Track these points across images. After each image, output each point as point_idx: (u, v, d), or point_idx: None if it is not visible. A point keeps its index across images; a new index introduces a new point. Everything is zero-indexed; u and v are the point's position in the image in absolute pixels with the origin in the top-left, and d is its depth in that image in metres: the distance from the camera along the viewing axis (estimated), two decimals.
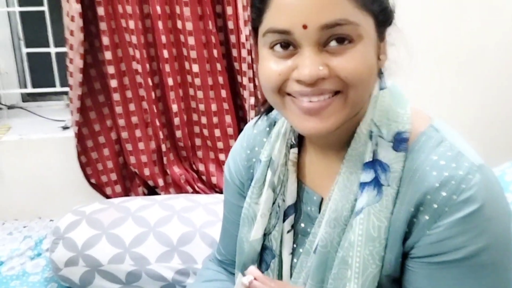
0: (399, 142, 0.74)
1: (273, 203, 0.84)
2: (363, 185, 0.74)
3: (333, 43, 0.67)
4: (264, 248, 0.86)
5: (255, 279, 0.72)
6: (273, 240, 0.84)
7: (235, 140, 1.81)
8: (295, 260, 0.84)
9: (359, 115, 0.76)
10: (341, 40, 0.66)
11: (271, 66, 0.69)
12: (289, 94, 0.71)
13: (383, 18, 0.71)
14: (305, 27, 0.65)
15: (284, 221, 0.84)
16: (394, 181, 0.72)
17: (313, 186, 0.84)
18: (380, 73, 0.77)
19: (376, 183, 0.73)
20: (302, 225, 0.84)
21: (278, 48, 0.68)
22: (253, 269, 0.73)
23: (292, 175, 0.83)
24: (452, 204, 0.69)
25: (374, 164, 0.73)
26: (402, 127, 0.74)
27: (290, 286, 0.79)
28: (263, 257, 0.86)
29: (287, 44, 0.68)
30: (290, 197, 0.84)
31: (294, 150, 0.84)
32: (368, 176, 0.73)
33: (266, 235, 0.85)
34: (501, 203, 0.72)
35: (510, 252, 0.72)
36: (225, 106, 1.85)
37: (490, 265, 0.70)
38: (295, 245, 0.85)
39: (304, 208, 0.84)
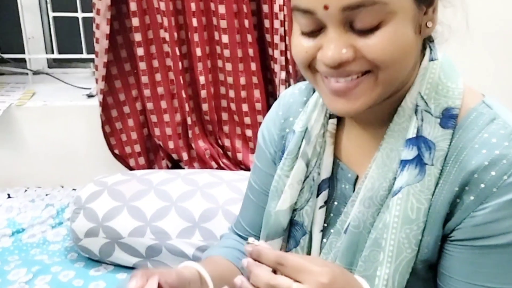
0: (448, 118, 0.69)
1: (307, 176, 0.80)
2: (404, 162, 0.69)
3: (359, 24, 0.63)
4: (294, 224, 0.82)
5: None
6: (305, 215, 0.80)
7: (263, 116, 1.80)
8: (324, 240, 0.81)
9: (403, 91, 0.72)
10: (368, 20, 0.62)
11: (299, 43, 0.68)
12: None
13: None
14: (326, 7, 0.62)
15: (317, 196, 0.80)
16: (438, 160, 0.68)
17: (349, 162, 0.80)
18: (430, 41, 0.72)
19: (419, 161, 0.68)
20: (336, 203, 0.81)
21: (304, 26, 0.66)
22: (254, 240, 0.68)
23: (329, 147, 0.80)
24: (502, 184, 0.64)
25: (418, 140, 0.69)
26: (452, 102, 0.70)
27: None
28: (292, 233, 0.83)
29: (316, 28, 0.65)
30: (325, 171, 0.80)
31: (333, 121, 0.80)
32: (410, 153, 0.69)
33: (297, 210, 0.82)
34: None
35: None
36: (254, 80, 1.80)
37: None
38: (325, 224, 0.81)
39: (338, 185, 0.81)
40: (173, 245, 1.52)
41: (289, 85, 1.77)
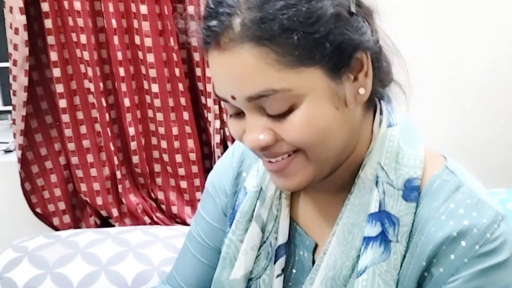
0: (410, 190, 0.67)
1: (264, 241, 0.76)
2: (367, 240, 0.67)
3: (270, 110, 0.62)
4: None
5: None
6: (262, 285, 0.76)
7: (198, 166, 1.79)
8: None
9: (354, 157, 0.69)
10: (277, 107, 0.61)
11: (230, 124, 0.68)
12: None
13: (336, 60, 0.61)
14: (233, 98, 0.62)
15: (274, 263, 0.76)
16: (403, 236, 0.66)
17: (307, 228, 0.77)
18: (387, 103, 0.71)
19: (383, 238, 0.66)
20: (294, 271, 0.76)
21: (229, 109, 0.67)
22: None
23: (285, 209, 0.76)
24: (473, 255, 0.63)
25: (381, 215, 0.67)
26: (414, 172, 0.68)
27: None
28: None
29: (239, 111, 0.65)
30: (282, 236, 0.76)
31: None
32: (373, 229, 0.67)
33: (253, 279, 0.77)
34: None
35: None
36: (188, 129, 1.75)
37: None
38: None
39: (296, 251, 0.77)
40: None
41: (224, 133, 1.74)
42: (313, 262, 0.75)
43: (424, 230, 0.66)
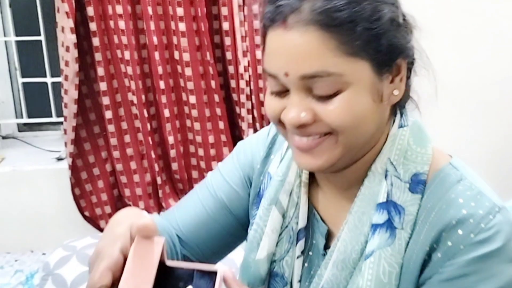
0: (416, 183, 0.71)
1: (286, 226, 0.81)
2: (375, 226, 0.71)
3: (317, 91, 0.66)
4: (273, 275, 0.81)
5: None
6: (285, 266, 0.80)
7: None
8: None
9: (371, 154, 0.74)
10: (325, 89, 0.66)
11: (269, 102, 0.71)
12: None
13: (384, 59, 0.67)
14: (286, 74, 0.66)
15: (296, 245, 0.80)
16: (408, 224, 0.70)
17: (324, 214, 0.81)
18: (402, 107, 0.75)
19: (389, 225, 0.70)
20: (310, 253, 0.80)
21: (272, 86, 0.70)
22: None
23: (304, 196, 0.80)
24: (468, 242, 0.66)
25: (388, 205, 0.71)
26: (421, 167, 0.72)
27: None
28: (272, 285, 0.82)
29: (283, 90, 0.69)
30: (302, 220, 0.80)
31: (306, 171, 0.81)
32: (381, 217, 0.71)
33: (276, 260, 0.81)
34: None
35: None
36: (223, 138, 1.83)
37: None
38: (301, 275, 0.81)
39: (314, 236, 0.81)
40: None
41: None
42: (325, 247, 0.79)
43: (428, 218, 0.69)
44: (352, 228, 0.73)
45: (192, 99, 1.79)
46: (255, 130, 1.80)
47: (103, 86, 1.80)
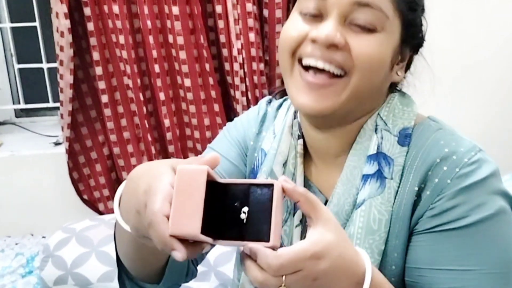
0: (404, 137, 0.76)
1: (284, 197, 0.83)
2: (365, 177, 0.74)
3: (357, 21, 0.70)
4: None
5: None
6: (284, 236, 0.82)
7: None
8: None
9: (366, 118, 0.77)
10: (365, 21, 0.70)
11: (294, 24, 0.73)
12: (299, 62, 0.73)
13: (409, 33, 0.74)
14: None
15: (294, 215, 0.82)
16: (397, 174, 0.73)
17: (318, 185, 0.83)
18: (395, 89, 0.81)
19: (379, 175, 0.74)
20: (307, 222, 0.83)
21: (307, 12, 0.72)
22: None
23: (300, 166, 0.82)
24: (454, 176, 0.70)
25: (378, 156, 0.75)
26: (408, 123, 0.77)
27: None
28: None
29: (316, 13, 0.72)
30: None
31: (301, 141, 0.83)
32: (371, 168, 0.74)
33: None
34: (501, 184, 0.73)
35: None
36: (218, 120, 1.83)
37: (493, 236, 0.70)
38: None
39: None
40: None
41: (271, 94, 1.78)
42: None
43: (413, 165, 0.74)
44: (344, 182, 0.76)
45: (187, 82, 1.78)
46: None
47: (98, 70, 1.80)
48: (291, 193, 0.59)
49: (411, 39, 0.76)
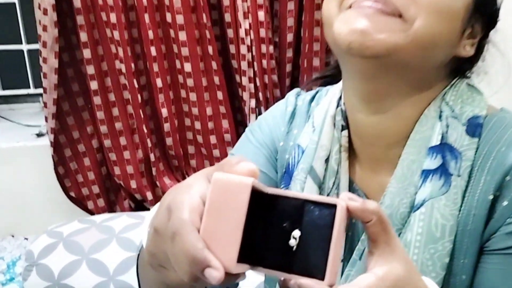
0: (474, 126, 0.66)
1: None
2: (426, 173, 0.65)
3: None
4: None
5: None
6: None
7: (233, 147, 1.75)
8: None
9: (423, 97, 0.68)
10: None
11: None
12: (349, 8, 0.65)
13: (482, 3, 0.66)
14: None
15: None
16: (465, 171, 0.65)
17: (364, 187, 0.75)
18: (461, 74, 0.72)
19: (444, 171, 0.65)
20: (350, 233, 0.74)
21: None
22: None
23: (345, 163, 0.74)
24: None
25: (443, 148, 0.66)
26: (479, 110, 0.68)
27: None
28: None
29: None
30: (343, 190, 0.74)
31: (345, 133, 0.74)
32: (433, 162, 0.65)
33: None
34: None
35: None
36: (222, 109, 1.72)
37: None
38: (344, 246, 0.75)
39: None
40: None
41: (259, 113, 1.69)
42: None
43: (486, 165, 0.65)
44: (400, 179, 0.67)
45: (187, 66, 1.67)
46: (258, 101, 1.69)
47: (86, 53, 1.68)
48: (360, 213, 0.48)
49: (484, 7, 0.67)
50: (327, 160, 0.74)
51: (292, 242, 0.46)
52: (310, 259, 0.46)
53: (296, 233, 0.46)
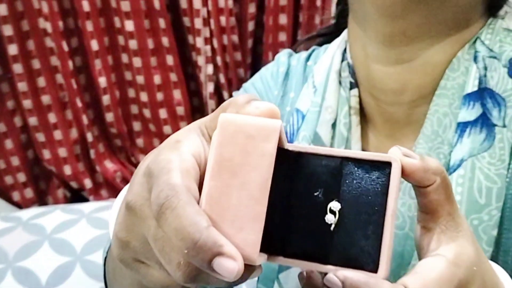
0: None
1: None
2: (463, 126, 0.59)
3: None
4: None
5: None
6: None
7: (187, 122, 1.55)
8: None
9: (453, 41, 0.61)
10: None
11: None
12: None
13: None
14: None
15: None
16: None
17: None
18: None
19: (485, 122, 0.59)
20: None
21: None
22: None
23: (356, 128, 0.69)
24: None
25: (482, 95, 0.59)
26: None
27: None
28: None
29: None
30: None
31: (355, 92, 0.69)
32: (471, 113, 0.59)
33: None
34: None
35: None
36: (173, 77, 1.56)
37: None
38: None
39: None
40: None
41: (218, 81, 1.56)
42: None
43: None
44: (430, 137, 0.61)
45: (129, 25, 1.47)
46: (215, 66, 1.52)
47: (2, 9, 1.44)
48: (422, 174, 0.39)
49: None
50: (333, 126, 0.69)
51: (330, 219, 0.37)
52: (355, 242, 0.37)
53: (335, 205, 0.38)
